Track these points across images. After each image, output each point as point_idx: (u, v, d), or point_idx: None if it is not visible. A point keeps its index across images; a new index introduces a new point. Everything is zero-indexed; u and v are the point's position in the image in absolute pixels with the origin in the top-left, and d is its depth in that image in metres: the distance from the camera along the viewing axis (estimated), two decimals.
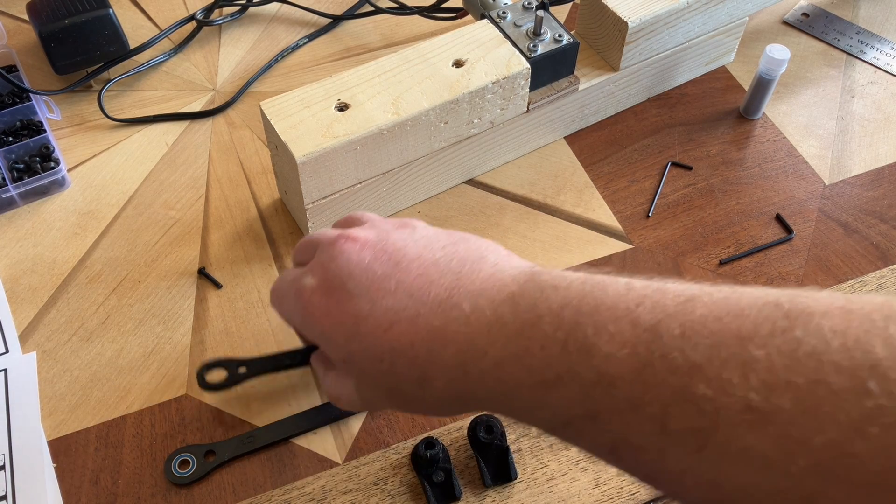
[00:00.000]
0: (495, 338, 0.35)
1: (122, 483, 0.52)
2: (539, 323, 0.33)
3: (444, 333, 0.37)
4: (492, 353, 0.35)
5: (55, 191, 0.66)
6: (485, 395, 0.36)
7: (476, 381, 0.36)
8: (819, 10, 0.81)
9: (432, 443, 0.51)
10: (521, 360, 0.33)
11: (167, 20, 0.79)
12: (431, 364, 0.37)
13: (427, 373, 0.37)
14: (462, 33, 0.63)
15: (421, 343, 0.37)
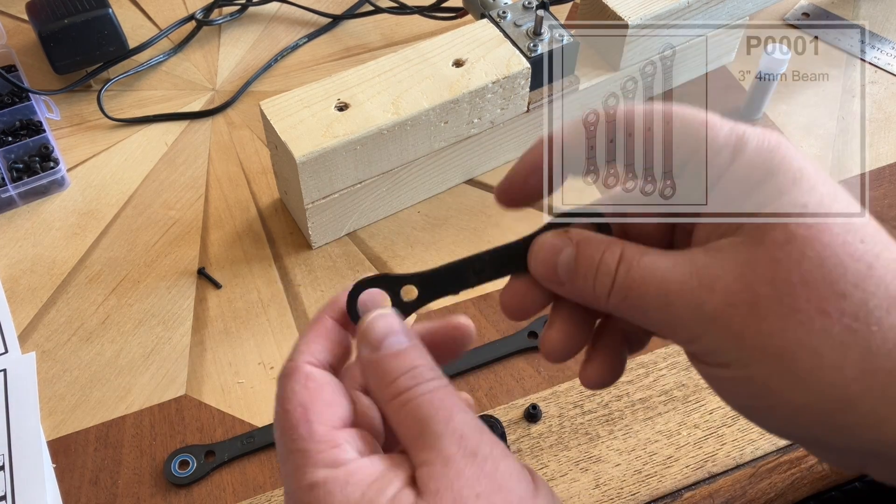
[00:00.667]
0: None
1: (121, 483, 0.52)
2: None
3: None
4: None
5: (54, 191, 0.66)
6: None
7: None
8: (819, 9, 0.81)
9: None
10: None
11: (167, 20, 0.79)
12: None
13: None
14: (462, 33, 0.62)
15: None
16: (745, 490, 0.52)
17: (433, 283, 0.34)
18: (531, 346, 0.57)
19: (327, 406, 0.31)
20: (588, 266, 0.30)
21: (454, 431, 0.29)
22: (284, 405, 0.31)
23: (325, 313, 0.34)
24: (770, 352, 0.26)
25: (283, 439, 0.31)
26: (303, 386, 0.31)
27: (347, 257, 0.63)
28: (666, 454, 0.53)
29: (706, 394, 0.55)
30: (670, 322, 0.29)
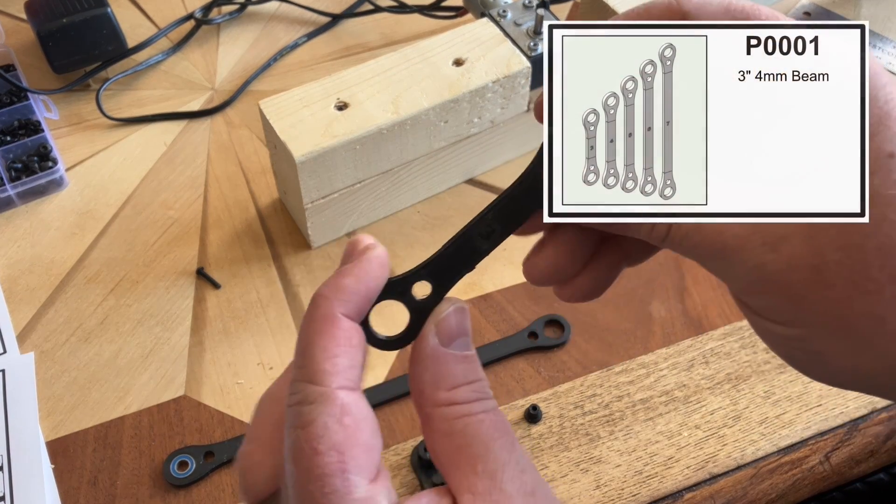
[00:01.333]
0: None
1: (120, 484, 0.51)
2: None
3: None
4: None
5: (53, 190, 0.66)
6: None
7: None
8: (821, 9, 0.81)
9: None
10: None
11: (165, 19, 0.79)
12: None
13: None
14: (462, 32, 0.62)
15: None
16: (745, 491, 0.52)
17: (444, 268, 0.30)
18: (531, 346, 0.57)
19: (366, 451, 0.26)
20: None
21: (517, 463, 0.26)
22: (313, 444, 0.25)
23: (336, 309, 0.27)
24: (832, 318, 0.25)
25: (307, 487, 0.25)
26: (338, 422, 0.25)
27: None
28: (667, 455, 0.52)
29: (707, 394, 0.55)
30: (726, 273, 0.26)
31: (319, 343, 0.26)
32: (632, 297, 0.60)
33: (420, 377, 0.28)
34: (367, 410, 0.27)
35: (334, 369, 0.26)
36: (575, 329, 0.58)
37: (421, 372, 0.28)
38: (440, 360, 0.28)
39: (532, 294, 0.60)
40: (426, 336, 0.28)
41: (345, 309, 0.27)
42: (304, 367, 0.26)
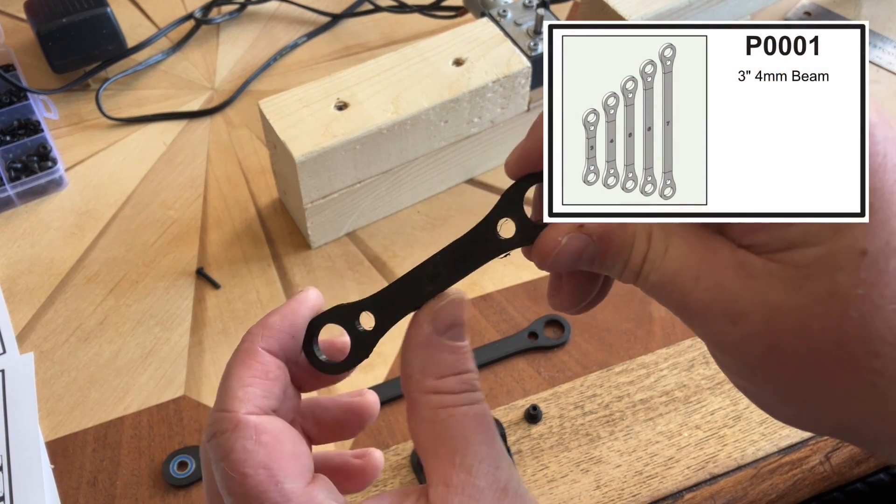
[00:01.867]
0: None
1: (119, 484, 0.51)
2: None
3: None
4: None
5: (53, 190, 0.66)
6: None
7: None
8: (821, 8, 0.81)
9: None
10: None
11: (165, 19, 0.79)
12: None
13: None
14: (462, 32, 0.62)
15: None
16: (746, 491, 0.52)
17: (388, 303, 0.30)
18: (531, 346, 0.57)
19: (293, 459, 0.27)
20: (613, 261, 0.27)
21: (493, 459, 0.27)
22: (240, 469, 0.26)
23: (257, 344, 0.29)
24: (781, 388, 0.26)
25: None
26: (256, 442, 0.27)
27: (347, 257, 0.62)
28: (667, 455, 0.52)
29: (707, 394, 0.55)
30: (691, 326, 0.27)
31: (236, 374, 0.28)
32: (632, 297, 0.60)
33: (411, 362, 0.29)
34: (285, 425, 0.28)
35: (245, 397, 0.27)
36: (575, 329, 0.58)
37: (412, 357, 0.29)
38: (431, 348, 0.28)
39: (532, 294, 0.60)
40: (420, 323, 0.29)
41: (266, 344, 0.29)
42: (220, 397, 0.28)
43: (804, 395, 0.25)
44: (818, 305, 0.24)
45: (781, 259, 0.25)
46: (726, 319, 0.25)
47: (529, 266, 0.61)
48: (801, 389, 0.25)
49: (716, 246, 0.26)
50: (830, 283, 0.24)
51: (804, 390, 0.25)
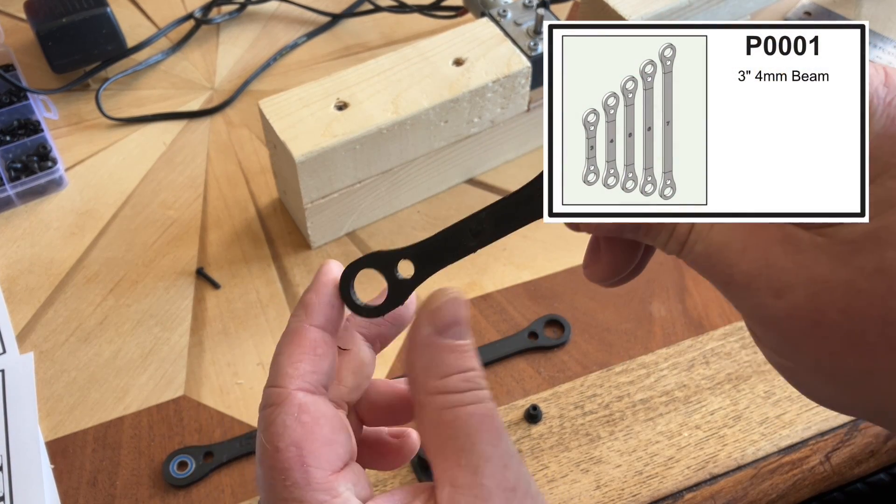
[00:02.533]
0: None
1: (119, 484, 0.51)
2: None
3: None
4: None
5: (52, 190, 0.66)
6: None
7: None
8: (821, 8, 0.81)
9: None
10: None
11: (165, 19, 0.79)
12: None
13: None
14: (462, 32, 0.62)
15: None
16: (746, 491, 0.52)
17: (429, 254, 0.31)
18: (531, 346, 0.57)
19: (326, 445, 0.27)
20: (659, 229, 0.27)
21: (500, 458, 0.27)
22: (275, 442, 0.27)
23: (304, 321, 0.30)
24: (822, 365, 0.25)
25: (272, 483, 0.27)
26: (296, 420, 0.27)
27: (347, 257, 0.62)
28: (667, 455, 0.52)
29: (707, 394, 0.55)
30: (733, 301, 0.27)
31: (286, 351, 0.29)
32: (632, 297, 0.60)
33: (414, 365, 0.29)
34: (329, 409, 0.28)
35: (295, 373, 0.28)
36: (575, 329, 0.58)
37: (415, 360, 0.29)
38: (433, 349, 0.28)
39: (532, 294, 0.60)
40: (420, 325, 0.29)
41: (312, 320, 0.30)
42: (271, 374, 0.29)
43: (844, 372, 0.25)
44: (865, 281, 0.23)
45: (830, 234, 0.24)
46: (771, 292, 0.25)
47: (529, 266, 0.61)
48: (842, 367, 0.25)
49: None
50: (879, 258, 0.23)
51: (845, 368, 0.25)
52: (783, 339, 0.26)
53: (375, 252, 0.31)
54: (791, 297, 0.24)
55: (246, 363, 0.57)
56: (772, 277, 0.25)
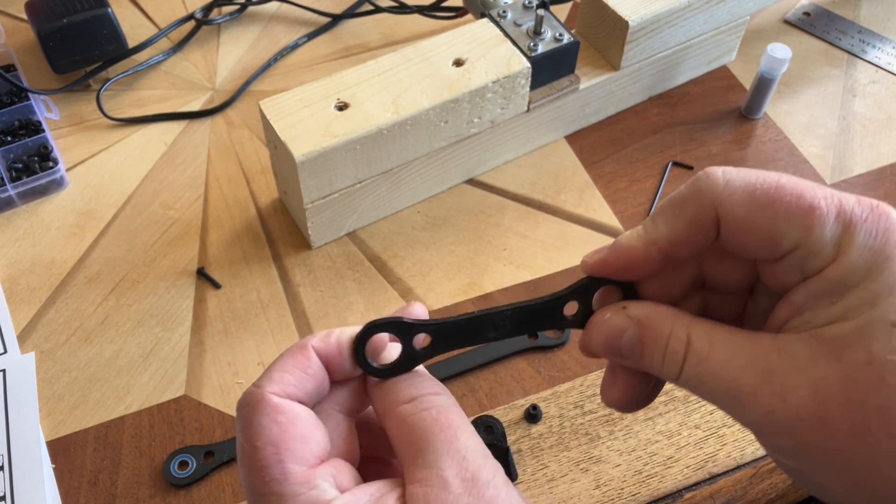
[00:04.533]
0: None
1: (120, 484, 0.51)
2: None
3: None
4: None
5: (53, 190, 0.66)
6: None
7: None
8: (820, 9, 0.81)
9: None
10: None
11: (166, 19, 0.79)
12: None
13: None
14: (462, 32, 0.62)
15: None
16: (745, 490, 0.52)
17: (449, 334, 0.33)
18: (531, 346, 0.57)
19: (301, 442, 0.29)
20: (653, 350, 0.30)
21: (457, 451, 0.28)
22: (252, 441, 0.29)
23: (311, 343, 0.31)
24: (833, 463, 0.27)
25: (252, 479, 0.28)
26: (272, 420, 0.29)
27: (347, 257, 0.62)
28: (666, 455, 0.52)
29: None
30: (739, 415, 0.29)
31: (282, 360, 0.31)
32: None
33: (370, 395, 0.32)
34: (302, 409, 0.30)
35: (279, 379, 0.30)
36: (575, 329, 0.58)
37: (369, 390, 0.32)
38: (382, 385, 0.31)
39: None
40: (352, 367, 0.32)
41: (319, 346, 0.31)
42: (261, 375, 0.31)
43: (854, 466, 0.26)
44: (858, 373, 0.26)
45: (821, 334, 0.27)
46: (777, 398, 0.27)
47: (529, 266, 0.61)
48: (852, 461, 0.26)
49: (755, 337, 0.28)
50: (867, 351, 0.26)
51: (854, 461, 0.26)
52: (793, 443, 0.27)
53: (399, 318, 0.32)
54: (796, 398, 0.27)
55: (246, 363, 0.57)
56: (775, 384, 0.27)
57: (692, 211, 0.29)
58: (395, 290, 0.61)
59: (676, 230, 0.29)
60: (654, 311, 0.30)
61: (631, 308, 0.31)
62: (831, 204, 0.27)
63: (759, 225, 0.28)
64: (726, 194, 0.28)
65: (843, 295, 0.27)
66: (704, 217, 0.29)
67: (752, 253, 0.29)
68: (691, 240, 0.29)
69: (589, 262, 0.32)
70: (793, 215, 0.27)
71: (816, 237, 0.27)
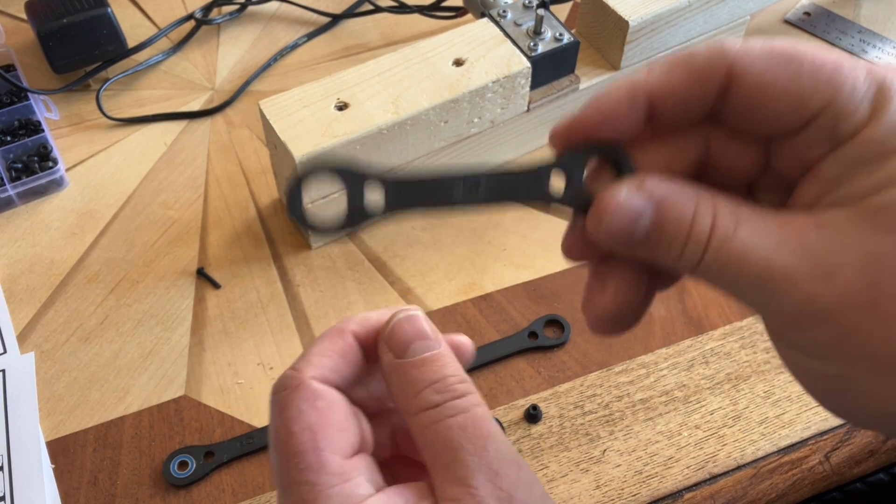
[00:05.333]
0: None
1: (120, 484, 0.51)
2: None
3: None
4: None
5: (53, 190, 0.66)
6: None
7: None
8: (821, 9, 0.81)
9: None
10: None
11: (166, 19, 0.79)
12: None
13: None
14: (462, 32, 0.62)
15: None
16: (745, 491, 0.52)
17: (408, 189, 0.27)
18: (531, 346, 0.57)
19: (339, 430, 0.28)
20: (674, 234, 0.25)
21: (489, 467, 0.26)
22: (289, 426, 0.27)
23: (350, 327, 0.30)
24: (884, 357, 0.22)
25: (286, 466, 0.27)
26: (311, 405, 0.27)
27: (347, 257, 0.62)
28: (667, 455, 0.52)
29: (707, 394, 0.55)
30: (768, 307, 0.24)
31: (319, 343, 0.29)
32: None
33: (392, 394, 0.29)
34: (342, 399, 0.29)
35: (318, 363, 0.29)
36: (575, 329, 0.58)
37: (391, 389, 0.29)
38: (399, 372, 0.28)
39: (532, 294, 0.60)
40: (382, 355, 0.29)
41: (358, 329, 0.30)
42: (298, 358, 0.29)
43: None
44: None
45: (866, 205, 0.23)
46: (818, 279, 0.23)
47: (529, 266, 0.61)
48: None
49: (788, 215, 0.24)
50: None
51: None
52: (835, 334, 0.23)
53: (351, 165, 0.27)
54: (841, 278, 0.22)
55: (246, 363, 0.57)
56: (816, 262, 0.23)
57: (699, 61, 0.25)
58: (395, 290, 0.61)
59: (674, 78, 0.25)
60: (674, 187, 0.25)
61: (646, 183, 0.25)
62: (859, 64, 0.24)
63: (781, 83, 0.24)
64: (742, 51, 0.24)
65: (888, 158, 0.23)
66: (712, 70, 0.24)
67: (772, 120, 0.24)
68: (689, 94, 0.25)
69: (560, 126, 0.27)
70: (819, 70, 0.23)
71: (848, 94, 0.23)
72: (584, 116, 0.27)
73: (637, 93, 0.25)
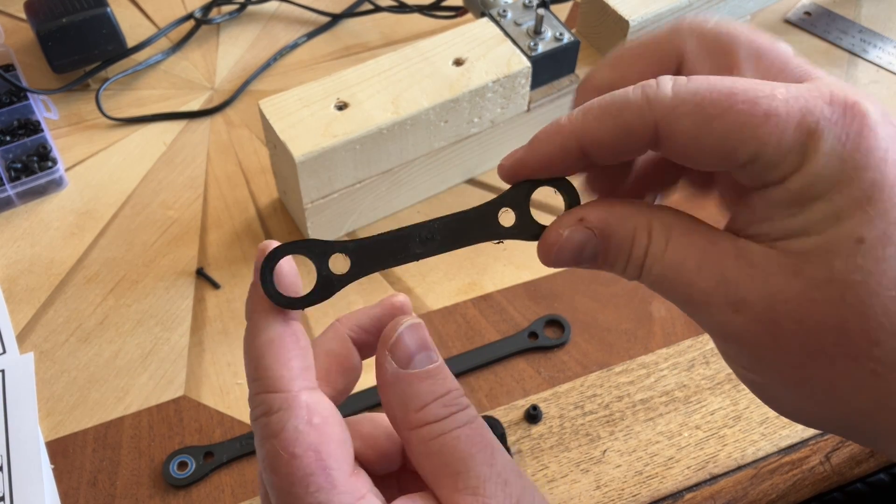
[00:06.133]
0: None
1: (119, 484, 0.51)
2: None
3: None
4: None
5: (53, 190, 0.66)
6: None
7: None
8: (821, 8, 0.81)
9: None
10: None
11: (165, 19, 0.79)
12: None
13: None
14: (462, 32, 0.62)
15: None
16: (746, 491, 0.52)
17: (370, 253, 0.29)
18: (531, 346, 0.57)
19: (340, 445, 0.27)
20: (615, 256, 0.27)
21: (499, 476, 0.27)
22: (289, 449, 0.26)
23: (267, 318, 0.28)
24: (786, 376, 0.26)
25: (292, 491, 0.26)
26: (308, 424, 0.26)
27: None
28: (667, 455, 0.52)
29: (707, 394, 0.55)
30: (696, 319, 0.27)
31: (268, 352, 0.27)
32: (632, 297, 0.60)
33: (389, 403, 0.28)
34: (332, 406, 0.28)
35: (291, 373, 0.27)
36: (575, 329, 0.58)
37: (389, 399, 0.28)
38: (402, 384, 0.27)
39: (532, 294, 0.60)
40: (383, 363, 0.28)
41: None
42: (259, 378, 0.27)
43: (807, 382, 0.25)
44: (817, 291, 0.24)
45: (782, 247, 0.25)
46: (729, 308, 0.25)
47: (529, 266, 0.61)
48: (804, 377, 0.25)
49: (716, 237, 0.26)
50: (828, 268, 0.24)
51: (806, 378, 0.25)
52: (747, 354, 0.26)
53: (311, 240, 0.29)
54: (748, 311, 0.25)
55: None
56: (728, 292, 0.25)
57: (629, 117, 0.25)
58: (395, 290, 0.60)
59: (604, 132, 0.26)
60: (611, 212, 0.27)
61: (587, 216, 0.27)
62: (793, 108, 0.24)
63: (708, 141, 0.25)
64: (671, 107, 0.25)
65: (807, 207, 0.24)
66: (641, 126, 0.25)
67: (703, 165, 0.26)
68: (618, 148, 0.26)
69: (505, 165, 0.29)
70: (745, 126, 0.24)
71: (774, 148, 0.24)
72: (525, 159, 0.28)
73: (569, 143, 0.27)
